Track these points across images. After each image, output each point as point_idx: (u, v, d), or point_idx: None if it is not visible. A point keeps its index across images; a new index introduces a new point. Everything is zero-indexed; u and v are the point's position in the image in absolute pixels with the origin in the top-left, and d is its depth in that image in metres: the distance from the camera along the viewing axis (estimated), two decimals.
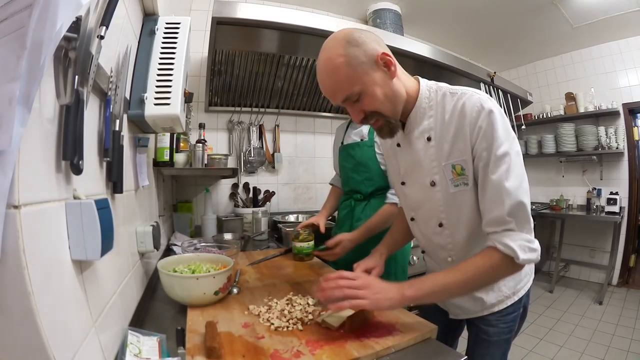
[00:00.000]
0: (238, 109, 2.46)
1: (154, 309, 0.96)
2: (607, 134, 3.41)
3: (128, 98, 0.91)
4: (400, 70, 0.82)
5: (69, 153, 0.49)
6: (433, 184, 0.85)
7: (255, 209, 2.15)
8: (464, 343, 0.99)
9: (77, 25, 0.48)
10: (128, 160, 0.94)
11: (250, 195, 2.40)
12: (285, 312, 0.85)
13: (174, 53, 0.98)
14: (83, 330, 0.53)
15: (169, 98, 0.94)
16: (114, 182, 0.73)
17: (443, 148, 0.81)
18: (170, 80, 0.95)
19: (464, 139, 0.77)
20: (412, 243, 1.45)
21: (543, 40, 3.55)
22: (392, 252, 1.13)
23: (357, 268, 1.02)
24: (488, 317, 0.91)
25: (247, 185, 2.45)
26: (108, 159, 0.70)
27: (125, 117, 0.87)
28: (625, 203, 3.42)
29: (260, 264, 1.36)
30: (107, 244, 0.55)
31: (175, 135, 1.56)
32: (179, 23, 1.03)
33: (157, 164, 1.43)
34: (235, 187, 2.43)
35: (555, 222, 3.74)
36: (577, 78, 3.77)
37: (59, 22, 0.37)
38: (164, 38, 1.00)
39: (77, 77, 0.49)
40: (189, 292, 0.88)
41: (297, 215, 2.45)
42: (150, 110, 0.93)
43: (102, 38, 0.58)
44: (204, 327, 0.74)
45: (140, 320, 0.86)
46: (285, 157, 2.65)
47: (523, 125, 2.93)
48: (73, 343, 0.48)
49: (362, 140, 1.51)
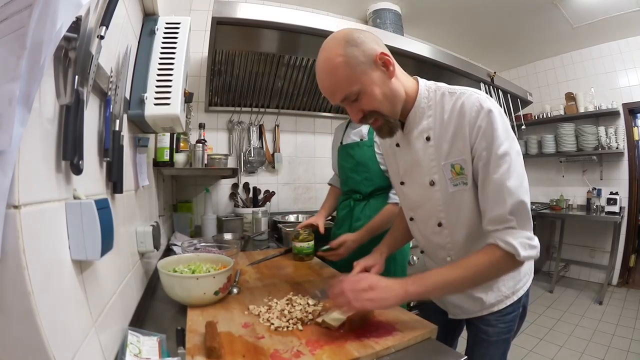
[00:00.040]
0: (238, 109, 2.46)
1: (154, 309, 0.96)
2: (607, 134, 3.41)
3: (128, 98, 0.91)
4: (399, 70, 0.83)
5: (69, 153, 0.49)
6: (432, 184, 0.85)
7: (255, 209, 2.15)
8: (464, 343, 0.99)
9: (77, 25, 0.48)
10: (128, 160, 0.94)
11: (250, 195, 2.40)
12: (285, 312, 0.85)
13: (174, 53, 0.98)
14: (83, 330, 0.53)
15: (169, 98, 0.94)
16: (114, 182, 0.74)
17: (442, 147, 0.82)
18: (170, 80, 0.96)
19: (463, 139, 0.77)
20: (411, 243, 1.45)
21: (543, 40, 3.55)
22: (392, 251, 1.14)
23: (357, 266, 1.04)
24: (487, 317, 0.91)
25: (247, 185, 2.45)
26: (108, 159, 0.70)
27: (125, 117, 0.87)
28: (625, 203, 3.42)
29: (260, 264, 1.36)
30: (107, 244, 0.55)
31: (175, 135, 1.56)
32: (179, 23, 1.03)
33: (157, 164, 1.43)
34: (235, 187, 2.43)
35: (555, 222, 3.74)
36: (577, 78, 3.77)
37: (59, 22, 0.37)
38: (164, 38, 1.00)
39: (77, 77, 0.49)
40: (189, 292, 0.88)
41: (297, 215, 2.45)
42: (150, 110, 0.93)
43: (102, 38, 0.58)
44: (204, 327, 0.74)
45: (140, 320, 0.87)
46: (285, 157, 2.65)
47: (523, 125, 2.93)
48: (73, 343, 0.48)
49: (361, 140, 1.51)
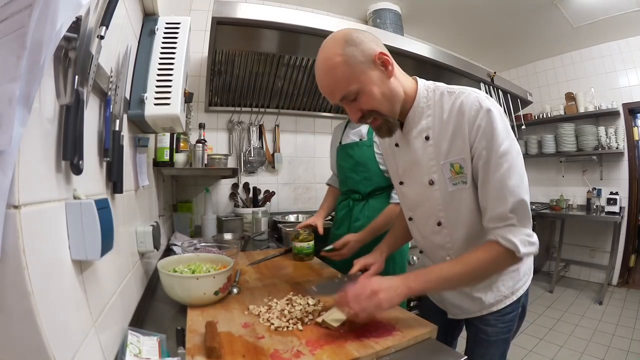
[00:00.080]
0: (238, 109, 2.46)
1: (154, 309, 0.96)
2: (607, 134, 3.41)
3: (128, 98, 0.91)
4: (398, 70, 0.83)
5: (69, 153, 0.49)
6: (431, 183, 0.85)
7: (255, 209, 2.15)
8: (463, 343, 0.99)
9: (77, 25, 0.48)
10: (128, 160, 0.94)
11: (250, 195, 2.40)
12: (285, 312, 0.85)
13: (174, 53, 0.98)
14: (83, 330, 0.53)
15: (169, 98, 0.94)
16: (114, 182, 0.74)
17: (441, 147, 0.82)
18: (170, 80, 0.96)
19: (463, 137, 0.78)
20: (410, 244, 1.45)
21: (543, 40, 3.55)
22: (393, 250, 1.15)
23: (357, 264, 1.05)
24: (487, 316, 0.91)
25: (247, 185, 2.46)
26: (108, 159, 0.70)
27: (125, 117, 0.87)
28: (625, 203, 3.42)
29: (260, 264, 1.36)
30: (107, 244, 0.55)
31: (175, 135, 1.56)
32: (179, 23, 1.03)
33: (157, 164, 1.43)
34: (235, 187, 2.43)
35: (555, 222, 3.74)
36: (577, 78, 3.76)
37: (59, 22, 0.37)
38: (164, 38, 1.00)
39: (77, 77, 0.49)
40: (189, 292, 0.88)
41: (297, 215, 2.45)
42: (150, 110, 0.93)
43: (102, 38, 0.58)
44: (204, 327, 0.74)
45: (140, 320, 0.87)
46: (285, 157, 2.65)
47: (523, 125, 2.93)
48: (73, 343, 0.48)
49: (361, 140, 1.51)
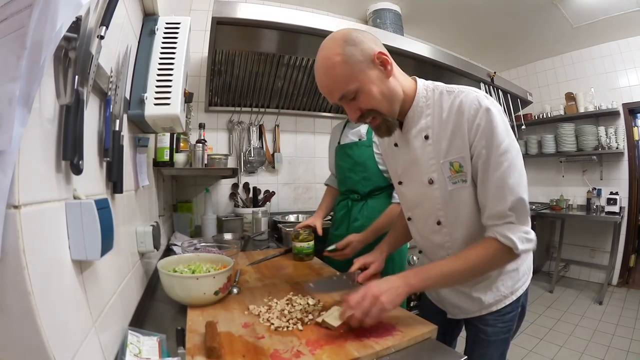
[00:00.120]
0: (238, 109, 2.46)
1: (154, 309, 0.96)
2: (607, 134, 3.41)
3: (128, 98, 0.91)
4: (397, 70, 0.83)
5: (69, 153, 0.49)
6: (431, 182, 0.86)
7: (255, 209, 2.15)
8: (463, 343, 0.99)
9: (77, 25, 0.48)
10: (128, 160, 0.94)
11: (250, 195, 2.40)
12: (285, 312, 0.85)
13: (174, 53, 0.98)
14: (83, 330, 0.53)
15: (169, 98, 0.94)
16: (114, 182, 0.74)
17: (441, 146, 0.82)
18: (170, 80, 0.96)
19: (462, 136, 0.78)
20: (408, 244, 1.45)
21: (543, 40, 3.55)
22: (393, 249, 1.15)
23: (356, 262, 1.06)
24: (486, 316, 0.91)
25: (247, 185, 2.45)
26: (108, 159, 0.70)
27: (125, 117, 0.87)
28: (625, 203, 3.42)
29: (260, 264, 1.36)
30: (107, 244, 0.55)
31: (175, 135, 1.56)
32: (179, 23, 1.03)
33: (157, 164, 1.43)
34: (235, 187, 2.43)
35: (555, 222, 3.74)
36: (577, 78, 3.76)
37: (59, 22, 0.37)
38: (164, 38, 1.00)
39: (77, 77, 0.49)
40: (189, 292, 0.88)
41: (297, 215, 2.45)
42: (150, 110, 0.93)
43: (102, 38, 0.58)
44: (204, 327, 0.74)
45: (140, 320, 0.87)
46: (285, 157, 2.65)
47: (523, 125, 2.93)
48: (73, 343, 0.48)
49: (360, 140, 1.51)
